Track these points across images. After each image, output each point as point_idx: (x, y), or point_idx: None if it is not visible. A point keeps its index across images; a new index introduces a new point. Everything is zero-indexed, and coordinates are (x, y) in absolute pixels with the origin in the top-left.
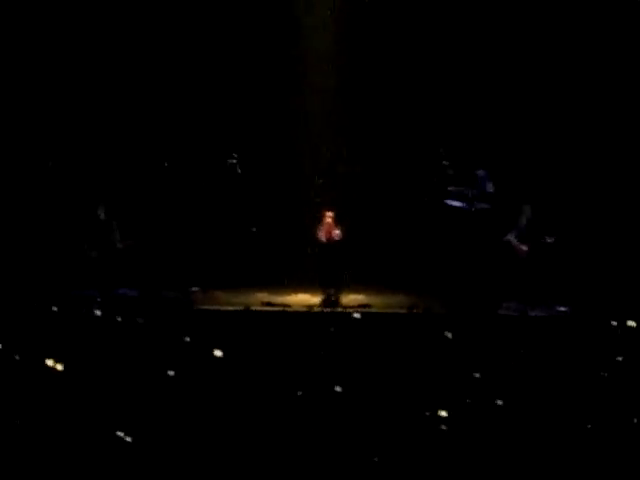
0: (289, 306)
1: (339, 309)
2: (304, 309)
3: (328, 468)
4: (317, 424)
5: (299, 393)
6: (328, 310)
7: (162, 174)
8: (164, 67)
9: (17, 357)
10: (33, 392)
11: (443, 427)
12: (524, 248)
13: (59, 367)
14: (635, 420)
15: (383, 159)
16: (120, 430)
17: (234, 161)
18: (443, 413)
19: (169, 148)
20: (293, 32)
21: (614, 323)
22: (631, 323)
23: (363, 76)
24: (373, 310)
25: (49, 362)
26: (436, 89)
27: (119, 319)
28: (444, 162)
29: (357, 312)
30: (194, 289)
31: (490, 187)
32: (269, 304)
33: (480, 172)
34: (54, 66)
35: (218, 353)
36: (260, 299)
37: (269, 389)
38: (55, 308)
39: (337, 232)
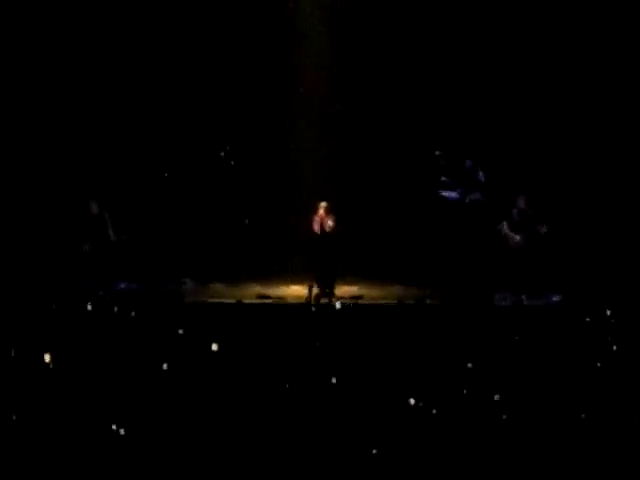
0: (283, 298)
1: (333, 300)
2: (298, 301)
3: (322, 460)
4: (312, 416)
5: (294, 385)
6: (322, 302)
7: (155, 168)
8: (154, 65)
9: (14, 351)
10: (30, 385)
11: (438, 417)
12: (517, 238)
13: (53, 360)
14: (630, 410)
15: (375, 150)
16: (115, 422)
17: (226, 154)
18: (438, 403)
19: (161, 142)
20: (285, 33)
21: (608, 312)
22: (624, 312)
23: (354, 69)
24: (367, 301)
25: (45, 356)
26: (427, 80)
27: (113, 312)
28: (436, 152)
29: (351, 303)
30: (188, 282)
31: (482, 177)
32: (263, 297)
33: (471, 162)
34: (46, 65)
35: (213, 346)
36: (254, 292)
37: (264, 381)
38: (50, 302)
39: (330, 223)
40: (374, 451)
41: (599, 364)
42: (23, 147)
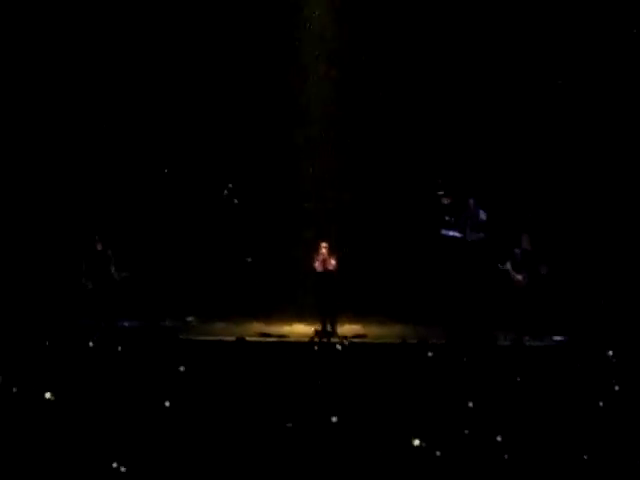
0: (286, 336)
1: (335, 339)
2: (301, 339)
3: None
4: (314, 454)
5: (295, 423)
6: (325, 340)
7: (159, 207)
8: (158, 101)
9: (15, 388)
10: (32, 421)
11: (440, 456)
12: (520, 277)
13: (55, 397)
14: (631, 449)
15: (378, 189)
16: (116, 459)
17: (230, 192)
18: (441, 444)
19: (165, 180)
20: (286, 60)
21: (610, 352)
22: (626, 352)
23: (358, 106)
24: (369, 340)
25: (46, 393)
26: (431, 120)
27: (115, 349)
28: (439, 192)
29: (353, 342)
30: (190, 319)
31: (484, 216)
32: (266, 335)
33: (472, 201)
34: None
35: (215, 383)
36: (257, 330)
37: (266, 419)
38: (49, 338)
39: (333, 262)
40: None
41: (601, 404)
42: (28, 184)
